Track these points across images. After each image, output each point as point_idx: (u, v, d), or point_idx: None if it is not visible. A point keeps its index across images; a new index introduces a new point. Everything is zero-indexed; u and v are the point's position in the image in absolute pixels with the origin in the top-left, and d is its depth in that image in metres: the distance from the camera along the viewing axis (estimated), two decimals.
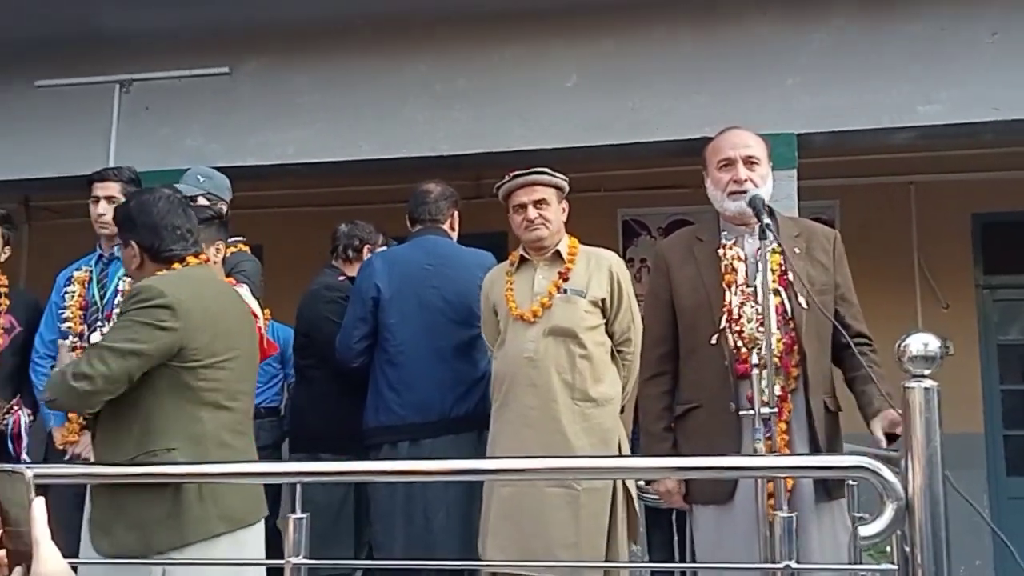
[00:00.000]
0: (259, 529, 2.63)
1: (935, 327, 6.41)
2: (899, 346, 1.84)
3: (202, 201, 3.65)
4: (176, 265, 2.62)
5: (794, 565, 1.90)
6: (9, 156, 5.49)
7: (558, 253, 3.22)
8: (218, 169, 4.07)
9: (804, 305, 2.65)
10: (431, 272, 3.57)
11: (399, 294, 3.46)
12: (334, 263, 4.24)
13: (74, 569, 1.05)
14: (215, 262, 3.17)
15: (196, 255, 2.66)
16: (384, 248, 4.13)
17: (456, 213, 3.82)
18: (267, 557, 2.27)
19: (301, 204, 6.89)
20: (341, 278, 4.18)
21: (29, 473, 1.04)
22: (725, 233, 2.77)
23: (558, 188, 3.25)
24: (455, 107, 5.19)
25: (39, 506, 1.03)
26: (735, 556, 2.56)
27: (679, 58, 4.99)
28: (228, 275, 3.29)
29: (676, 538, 4.64)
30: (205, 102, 5.36)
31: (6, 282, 3.80)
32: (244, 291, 3.16)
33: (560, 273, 3.17)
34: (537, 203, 3.18)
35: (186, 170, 4.01)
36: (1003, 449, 6.54)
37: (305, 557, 2.05)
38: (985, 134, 4.89)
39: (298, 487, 2.11)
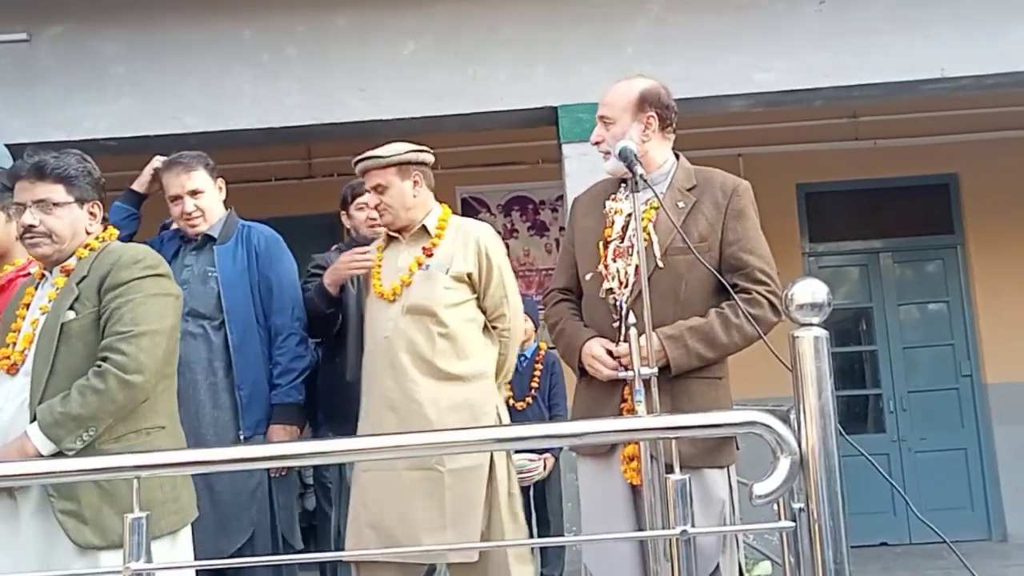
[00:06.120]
0: None
1: None
2: (786, 295, 1.76)
3: None
4: None
5: (691, 530, 1.79)
6: None
7: (425, 228, 3.02)
8: (21, 146, 3.61)
9: (660, 264, 2.53)
10: None
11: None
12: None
13: None
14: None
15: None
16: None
17: None
18: None
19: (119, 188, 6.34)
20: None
21: None
22: (623, 187, 2.66)
23: (396, 165, 2.97)
24: (284, 77, 4.87)
25: None
26: (614, 511, 2.48)
27: (516, 28, 4.87)
28: None
29: (535, 515, 4.58)
30: (1, 72, 4.84)
31: None
32: None
33: (424, 249, 2.98)
34: (375, 189, 2.97)
35: None
36: None
37: (146, 561, 1.79)
38: (816, 100, 5.02)
39: (135, 482, 1.85)
